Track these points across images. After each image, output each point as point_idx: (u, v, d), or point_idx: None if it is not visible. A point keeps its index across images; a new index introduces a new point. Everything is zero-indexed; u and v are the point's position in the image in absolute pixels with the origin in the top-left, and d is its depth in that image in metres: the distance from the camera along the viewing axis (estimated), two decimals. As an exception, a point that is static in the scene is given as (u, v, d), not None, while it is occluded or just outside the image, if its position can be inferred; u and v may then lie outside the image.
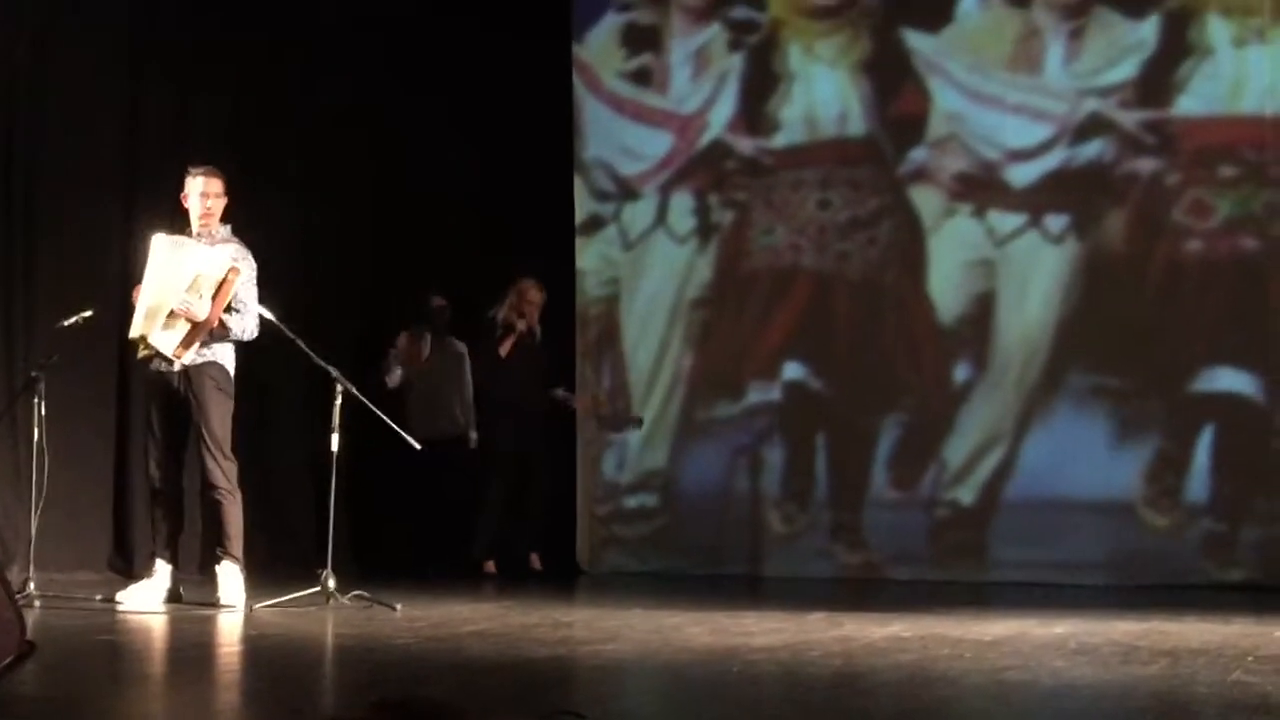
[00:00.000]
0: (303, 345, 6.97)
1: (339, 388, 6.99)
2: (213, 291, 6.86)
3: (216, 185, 7.03)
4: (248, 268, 6.99)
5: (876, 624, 6.49)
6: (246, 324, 6.98)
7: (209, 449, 6.92)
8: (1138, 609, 7.16)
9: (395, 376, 9.41)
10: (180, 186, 7.11)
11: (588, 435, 9.82)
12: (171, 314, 6.84)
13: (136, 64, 8.52)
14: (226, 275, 6.88)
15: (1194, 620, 6.73)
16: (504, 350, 9.28)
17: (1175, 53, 9.06)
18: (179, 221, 7.14)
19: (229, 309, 6.90)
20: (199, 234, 7.01)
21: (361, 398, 7.04)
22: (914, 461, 9.29)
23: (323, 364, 6.99)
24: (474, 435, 9.52)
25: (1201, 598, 7.90)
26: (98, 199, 8.31)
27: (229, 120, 8.74)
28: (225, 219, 7.07)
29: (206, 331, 6.88)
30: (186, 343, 6.87)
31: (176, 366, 6.93)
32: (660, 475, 9.70)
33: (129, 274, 7.34)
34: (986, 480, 9.18)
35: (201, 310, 6.84)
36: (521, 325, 9.27)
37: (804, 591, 8.39)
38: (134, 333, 6.92)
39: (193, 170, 7.07)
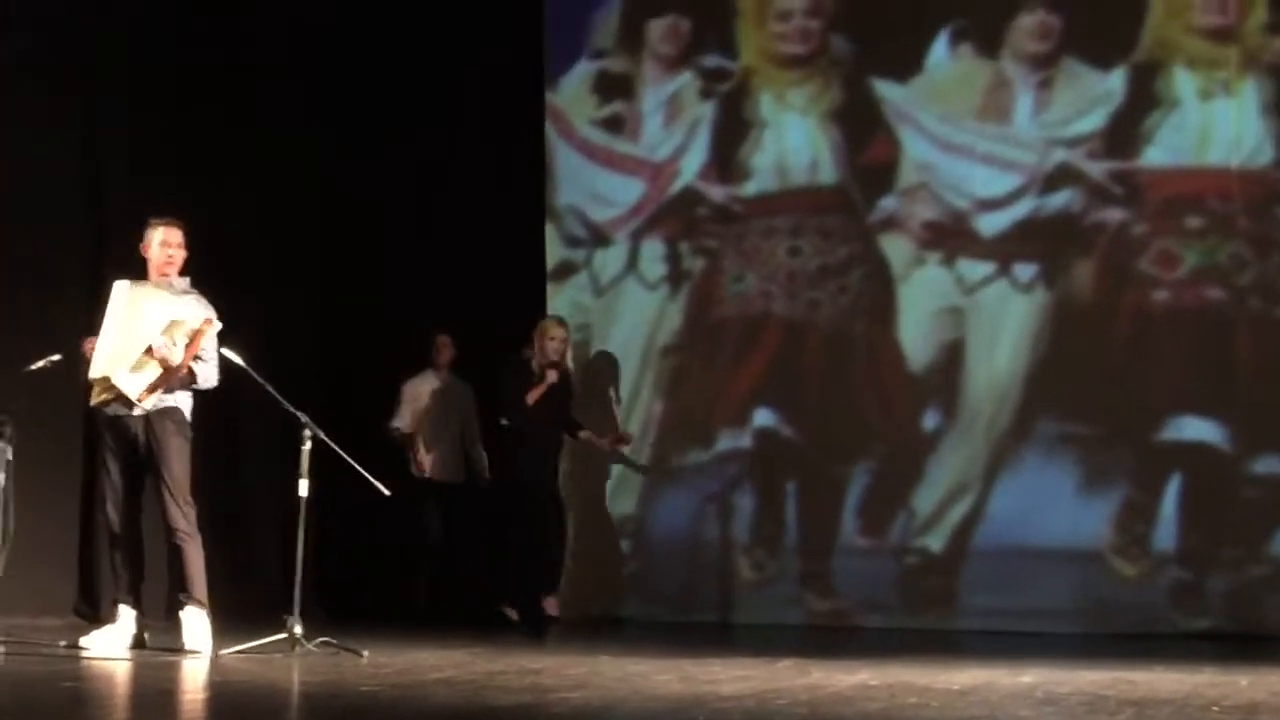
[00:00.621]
0: (271, 390, 6.95)
1: (307, 433, 6.97)
2: (187, 340, 6.86)
3: (178, 235, 7.03)
4: (211, 314, 6.99)
5: (844, 672, 6.48)
6: (210, 373, 6.99)
7: (169, 493, 6.90)
8: (1106, 658, 7.17)
9: (404, 420, 9.40)
10: (150, 221, 7.11)
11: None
12: (143, 356, 6.81)
13: (98, 109, 8.50)
14: (201, 326, 6.88)
15: (1161, 669, 6.74)
16: (531, 399, 9.12)
17: (1142, 104, 9.14)
18: (144, 268, 7.12)
19: (196, 358, 6.91)
20: (158, 284, 7.00)
21: (330, 443, 7.02)
22: (883, 509, 9.31)
23: (291, 409, 6.97)
24: (485, 469, 9.47)
25: (1169, 646, 7.91)
26: (63, 244, 8.28)
27: (195, 169, 8.71)
28: (184, 271, 7.06)
29: (175, 378, 6.86)
30: (153, 388, 6.86)
31: (136, 411, 6.91)
32: (630, 521, 9.69)
33: (94, 320, 7.30)
34: (956, 528, 9.20)
35: (176, 356, 6.83)
36: (552, 377, 9.12)
37: (773, 639, 8.37)
38: (95, 373, 6.89)
39: (154, 221, 7.07)
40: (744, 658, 7.06)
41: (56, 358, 7.00)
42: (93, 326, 7.05)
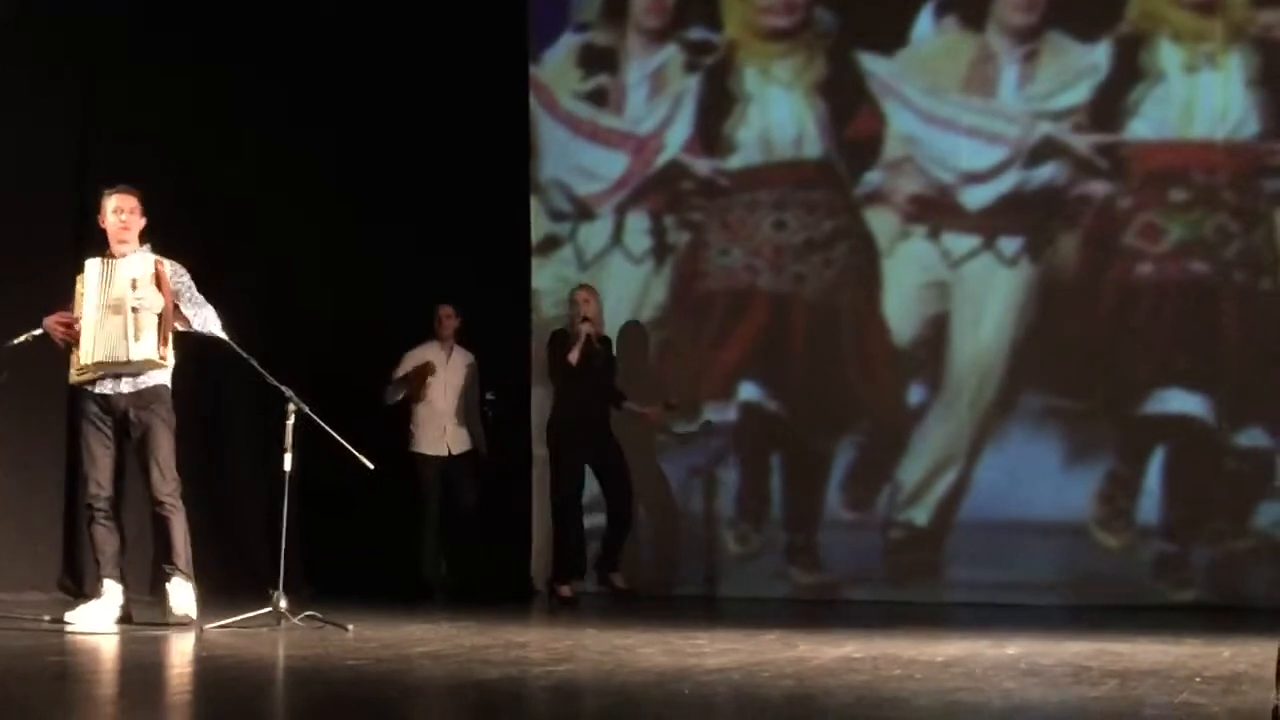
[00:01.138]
0: (254, 363, 6.95)
1: (291, 406, 6.97)
2: (153, 284, 6.85)
3: (131, 202, 7.02)
4: (179, 268, 6.99)
5: (830, 645, 6.51)
6: (207, 315, 6.98)
7: (156, 465, 6.91)
8: (1089, 629, 7.21)
9: (395, 392, 9.39)
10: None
11: (541, 451, 9.80)
12: (135, 319, 6.79)
13: (86, 76, 8.47)
14: (156, 268, 6.89)
15: (1145, 641, 6.78)
16: (573, 357, 8.99)
17: (1127, 77, 9.15)
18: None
19: (178, 308, 6.90)
20: (120, 254, 6.98)
21: (314, 416, 7.02)
22: (869, 482, 9.34)
23: (274, 382, 6.97)
24: (484, 448, 9.48)
25: (1153, 618, 7.96)
26: (47, 212, 8.25)
27: (180, 145, 8.68)
28: (143, 239, 7.04)
29: (172, 321, 6.86)
30: (164, 338, 6.88)
31: (125, 389, 6.91)
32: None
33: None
34: (941, 501, 9.24)
35: (156, 302, 6.83)
36: (586, 328, 9.00)
37: (759, 612, 8.40)
38: (88, 359, 6.85)
39: (106, 190, 7.06)
40: (730, 631, 7.09)
41: (39, 332, 6.98)
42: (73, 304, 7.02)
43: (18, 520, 7.55)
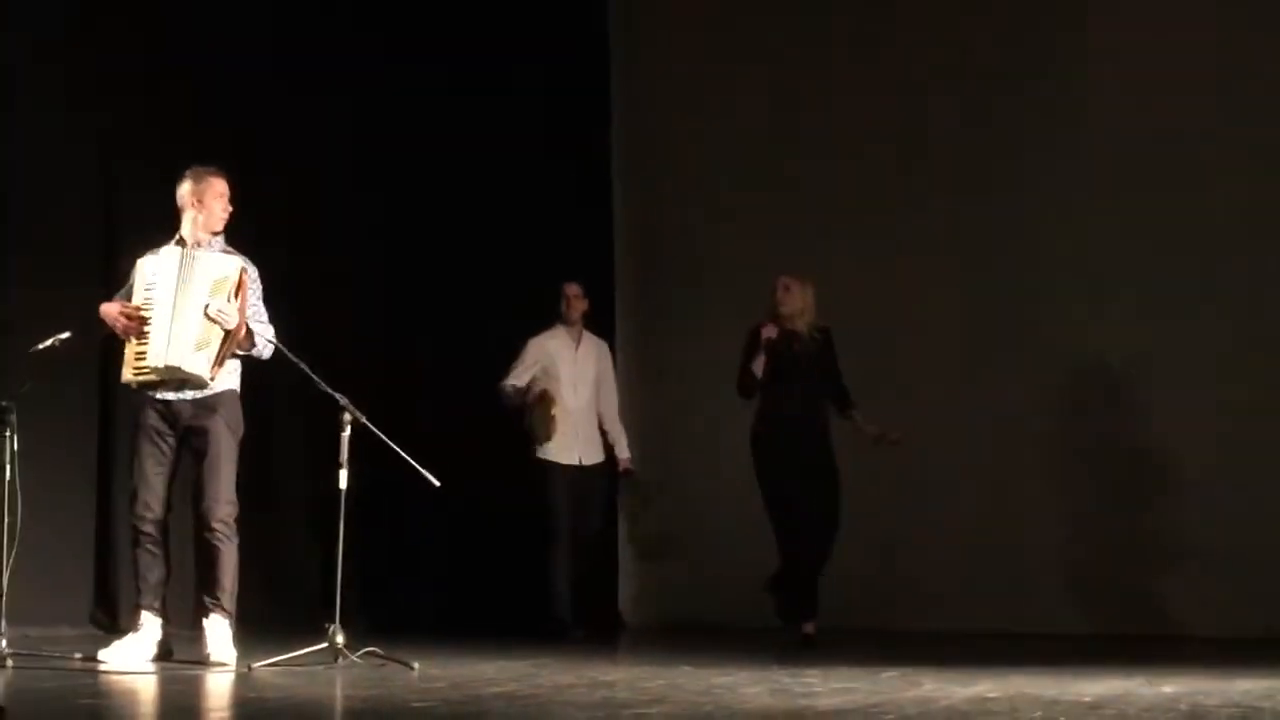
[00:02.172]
0: (306, 369, 6.97)
1: (347, 417, 6.97)
2: (233, 295, 6.88)
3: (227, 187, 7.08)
4: (254, 272, 7.04)
5: (959, 683, 6.45)
6: (267, 334, 7.02)
7: (215, 485, 6.93)
8: (1258, 665, 7.08)
9: (514, 397, 9.05)
10: (164, 193, 7.13)
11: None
12: (204, 326, 6.83)
13: (113, 74, 8.56)
14: (240, 276, 6.91)
15: (1323, 678, 6.66)
16: (757, 368, 8.57)
17: None
18: (163, 234, 7.14)
19: (248, 330, 6.95)
20: (198, 243, 7.02)
21: (373, 428, 7.02)
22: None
23: (328, 390, 6.98)
24: (626, 455, 9.23)
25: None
26: (75, 209, 8.35)
27: (216, 127, 8.75)
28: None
29: (235, 344, 6.90)
30: (221, 360, 6.89)
31: (189, 395, 6.94)
32: (711, 515, 9.66)
33: (109, 291, 7.35)
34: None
35: (232, 317, 6.86)
36: (770, 332, 8.49)
37: (877, 646, 8.31)
38: (157, 361, 6.86)
39: (199, 170, 7.06)
40: (843, 666, 7.03)
41: (65, 336, 7.02)
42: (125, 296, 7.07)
43: (46, 547, 7.61)
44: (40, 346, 7.02)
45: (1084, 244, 9.46)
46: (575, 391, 9.11)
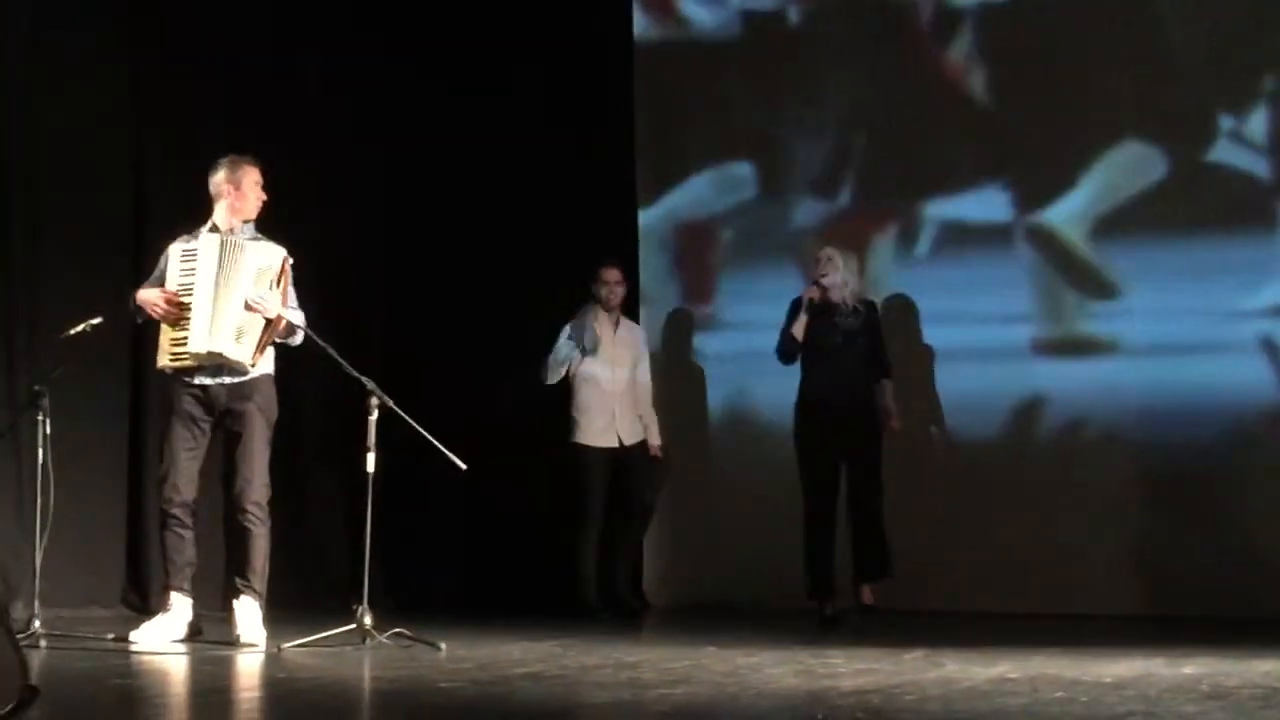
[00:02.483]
0: (333, 353, 7.03)
1: (374, 400, 7.04)
2: (275, 284, 6.95)
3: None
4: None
5: (981, 664, 6.48)
6: (299, 320, 7.09)
7: (250, 468, 7.00)
8: (1278, 645, 7.11)
9: (555, 370, 9.10)
10: (192, 180, 7.21)
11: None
12: (245, 316, 6.90)
13: (141, 58, 8.63)
14: (283, 265, 6.98)
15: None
16: (797, 330, 8.56)
17: None
18: (192, 220, 7.21)
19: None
20: (232, 229, 7.09)
21: (399, 411, 7.08)
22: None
23: (355, 374, 7.05)
24: (657, 442, 9.25)
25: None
26: (105, 196, 8.43)
27: (243, 115, 8.81)
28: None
29: (275, 332, 6.97)
30: (261, 347, 6.98)
31: (227, 379, 7.01)
32: (740, 493, 9.68)
33: (140, 277, 7.43)
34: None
35: (274, 305, 6.93)
36: (813, 293, 8.49)
37: (902, 626, 8.35)
38: (198, 348, 6.94)
39: (236, 158, 7.14)
40: (867, 648, 7.08)
41: (97, 321, 7.10)
42: (140, 285, 7.16)
43: (78, 529, 7.70)
44: (72, 331, 7.10)
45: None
46: (613, 373, 9.14)
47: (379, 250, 9.54)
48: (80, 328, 7.11)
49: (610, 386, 9.14)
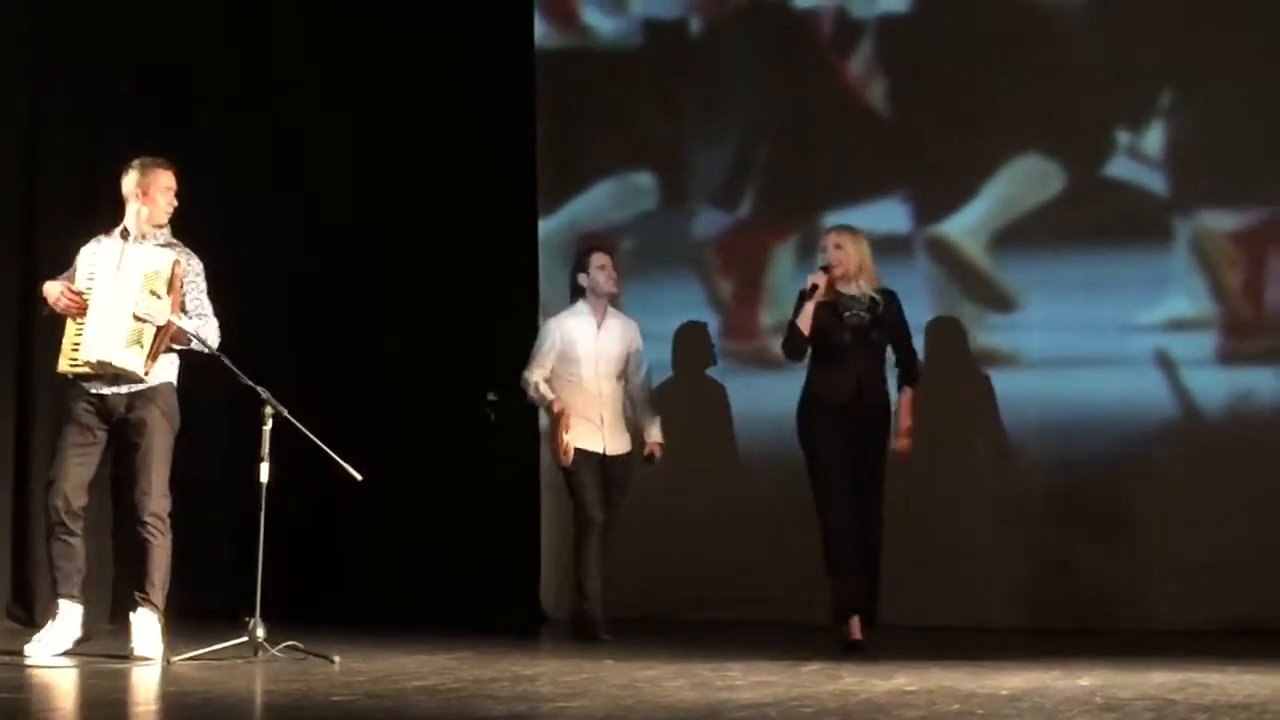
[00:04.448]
0: (228, 362, 6.98)
1: (268, 410, 7.00)
2: (165, 289, 6.89)
3: (173, 179, 7.08)
4: (196, 265, 7.06)
5: (879, 676, 6.54)
6: (208, 330, 7.02)
7: (148, 479, 6.93)
8: (1173, 657, 7.21)
9: (544, 370, 8.37)
10: (96, 184, 7.13)
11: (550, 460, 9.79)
12: (135, 324, 6.84)
13: (47, 56, 8.53)
14: (173, 270, 6.91)
15: (1236, 670, 6.78)
16: (803, 323, 7.79)
17: None
18: (91, 224, 7.13)
19: (183, 311, 6.95)
20: (142, 235, 7.02)
21: (293, 420, 7.04)
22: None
23: (249, 383, 7.00)
24: (657, 440, 8.47)
25: (1244, 644, 7.94)
26: (55, 202, 8.30)
27: (151, 113, 8.73)
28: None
29: (168, 338, 6.90)
30: (154, 355, 6.90)
31: (124, 389, 6.94)
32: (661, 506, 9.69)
33: (30, 285, 7.33)
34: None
35: (162, 313, 6.86)
36: (817, 279, 7.76)
37: (800, 639, 8.39)
38: (91, 356, 6.86)
39: (147, 161, 7.07)
40: (767, 660, 7.12)
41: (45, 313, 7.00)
42: (29, 291, 7.06)
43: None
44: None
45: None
46: (597, 374, 8.40)
47: (284, 259, 9.44)
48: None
49: (594, 388, 8.41)
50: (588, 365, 8.42)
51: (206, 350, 7.01)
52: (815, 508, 7.83)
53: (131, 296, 6.85)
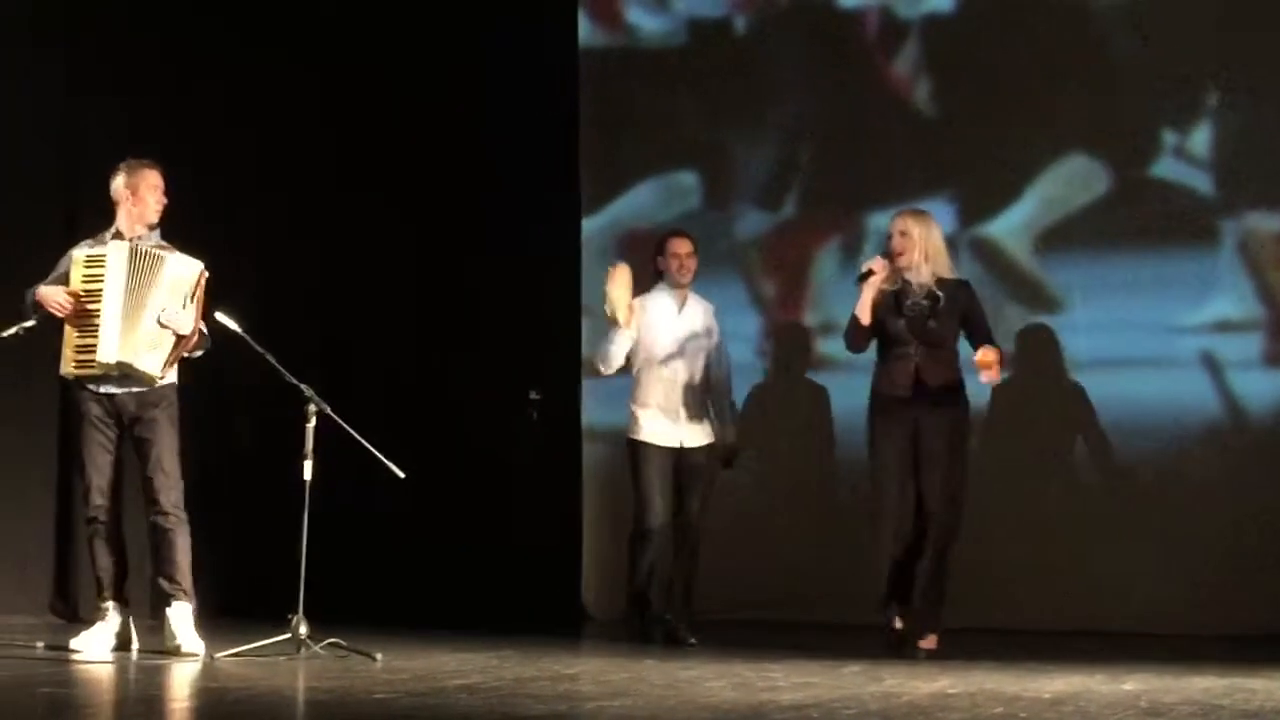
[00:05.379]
0: (271, 359, 7.01)
1: (312, 409, 7.02)
2: (190, 299, 6.91)
3: (161, 180, 7.09)
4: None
5: (922, 678, 6.53)
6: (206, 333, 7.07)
7: (162, 471, 6.99)
8: (1220, 662, 7.17)
9: (618, 360, 8.05)
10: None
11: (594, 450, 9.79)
12: (157, 329, 6.87)
13: (74, 59, 8.56)
14: (199, 278, 6.94)
15: (1283, 676, 6.76)
16: (861, 312, 7.57)
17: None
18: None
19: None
20: (137, 236, 7.04)
21: (337, 418, 7.07)
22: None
23: (293, 380, 7.03)
24: (730, 440, 8.20)
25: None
26: (35, 199, 8.34)
27: (180, 118, 8.75)
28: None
29: (188, 346, 6.94)
30: (171, 362, 6.96)
31: (133, 389, 6.97)
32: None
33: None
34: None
35: (186, 323, 6.90)
36: (876, 266, 7.50)
37: (843, 641, 8.38)
38: (108, 358, 6.90)
39: (134, 162, 7.11)
40: (809, 661, 7.11)
41: (30, 324, 7.04)
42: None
43: (6, 537, 7.66)
44: (3, 335, 7.04)
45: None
46: (677, 358, 8.11)
47: (315, 257, 9.46)
48: (12, 331, 7.05)
49: (672, 376, 8.16)
50: (667, 349, 8.12)
51: (252, 348, 7.03)
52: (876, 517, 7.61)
53: (157, 302, 6.88)
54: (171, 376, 7.09)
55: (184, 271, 6.96)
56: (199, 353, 7.11)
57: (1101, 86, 9.32)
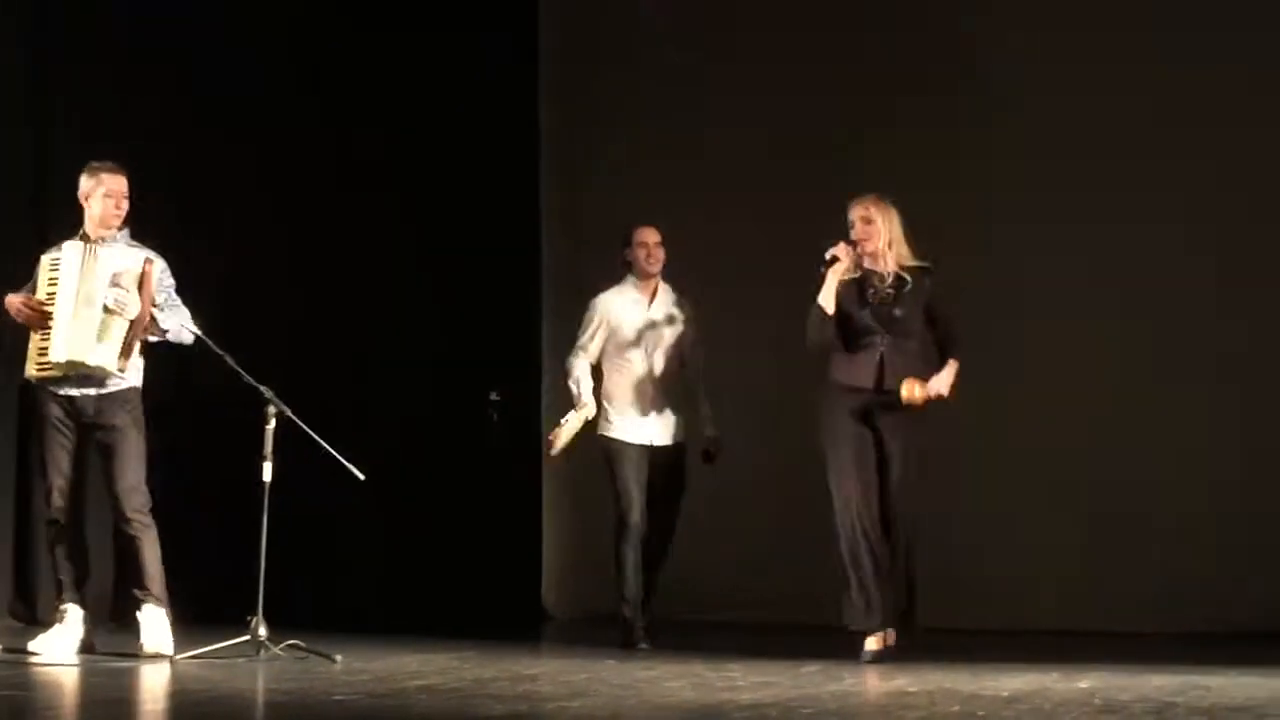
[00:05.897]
0: (231, 361, 7.02)
1: (271, 410, 7.03)
2: (135, 285, 6.92)
3: (123, 184, 7.13)
4: (160, 264, 7.09)
5: (881, 677, 6.57)
6: (182, 321, 7.06)
7: (126, 477, 6.98)
8: (1173, 660, 7.22)
9: (591, 355, 7.94)
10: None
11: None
12: (105, 318, 6.87)
13: (47, 64, 8.54)
14: (144, 268, 6.96)
15: (1236, 673, 6.80)
16: (825, 301, 7.24)
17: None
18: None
19: (155, 306, 6.98)
20: (100, 238, 7.05)
21: (297, 420, 7.07)
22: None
23: (252, 382, 7.03)
24: (712, 434, 7.98)
25: (1244, 648, 7.94)
26: (4, 206, 8.31)
27: (158, 125, 8.74)
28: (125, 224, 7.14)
29: (141, 331, 6.94)
30: (126, 351, 6.94)
31: (92, 390, 6.98)
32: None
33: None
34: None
35: (133, 306, 6.90)
36: (839, 252, 7.21)
37: (802, 641, 8.41)
38: (58, 357, 6.92)
39: (94, 166, 7.11)
40: (768, 661, 7.13)
41: None
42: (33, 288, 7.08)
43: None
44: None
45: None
46: (646, 357, 7.95)
47: (282, 252, 9.45)
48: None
49: (642, 371, 7.95)
50: (637, 345, 7.97)
51: (188, 341, 7.03)
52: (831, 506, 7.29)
53: (101, 293, 6.90)
54: (135, 379, 7.09)
55: (129, 263, 6.98)
56: (178, 338, 7.08)
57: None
